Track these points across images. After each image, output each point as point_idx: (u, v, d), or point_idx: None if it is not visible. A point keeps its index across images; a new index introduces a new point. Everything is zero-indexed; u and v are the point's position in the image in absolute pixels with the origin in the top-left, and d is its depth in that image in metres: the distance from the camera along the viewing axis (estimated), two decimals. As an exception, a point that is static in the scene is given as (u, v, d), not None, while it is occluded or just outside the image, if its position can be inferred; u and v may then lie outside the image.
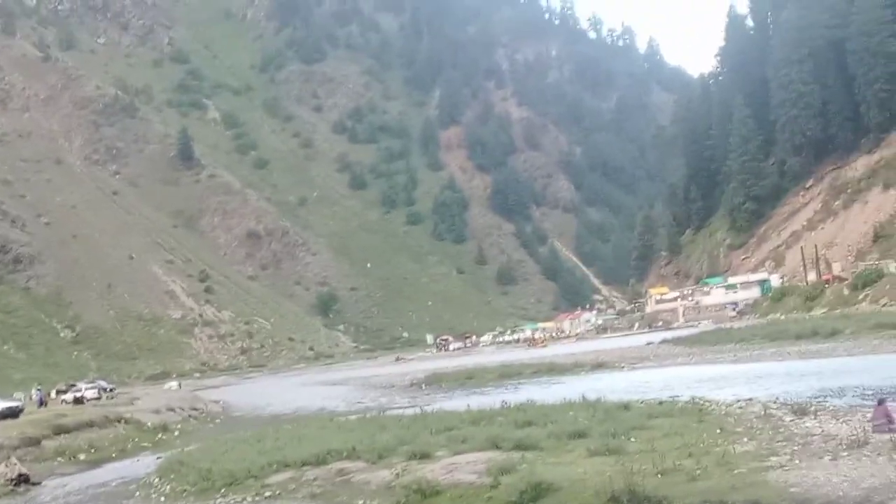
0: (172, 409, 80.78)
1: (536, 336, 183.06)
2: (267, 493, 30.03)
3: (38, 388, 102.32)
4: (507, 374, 79.64)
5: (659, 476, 20.70)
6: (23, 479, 44.98)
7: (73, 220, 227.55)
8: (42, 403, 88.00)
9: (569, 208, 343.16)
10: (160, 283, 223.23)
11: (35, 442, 56.07)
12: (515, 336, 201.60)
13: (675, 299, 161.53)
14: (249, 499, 29.45)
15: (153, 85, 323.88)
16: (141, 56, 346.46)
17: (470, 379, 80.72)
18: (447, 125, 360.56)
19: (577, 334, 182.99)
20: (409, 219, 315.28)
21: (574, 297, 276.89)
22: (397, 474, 28.25)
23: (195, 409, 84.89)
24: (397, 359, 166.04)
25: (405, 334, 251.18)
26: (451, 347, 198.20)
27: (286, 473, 31.60)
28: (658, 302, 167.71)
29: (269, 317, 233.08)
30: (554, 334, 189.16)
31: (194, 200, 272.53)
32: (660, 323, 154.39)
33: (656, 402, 35.24)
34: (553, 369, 77.99)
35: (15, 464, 47.52)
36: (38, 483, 45.34)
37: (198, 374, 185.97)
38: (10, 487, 43.96)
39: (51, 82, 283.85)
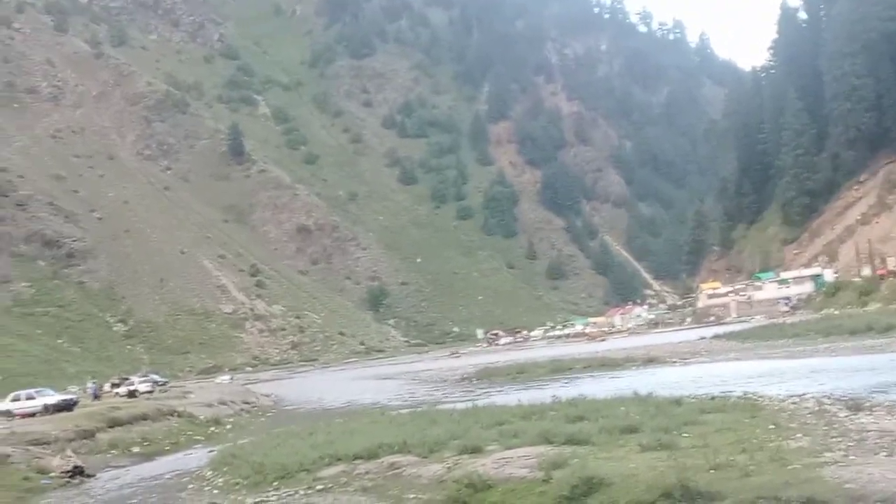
0: (224, 403, 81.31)
1: (590, 331, 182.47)
2: (319, 487, 30.14)
3: (93, 381, 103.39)
4: (558, 368, 79.41)
5: (711, 471, 20.59)
6: (78, 472, 45.48)
7: (125, 215, 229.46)
8: (96, 396, 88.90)
9: (619, 203, 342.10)
10: (211, 278, 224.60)
11: (89, 434, 56.61)
12: (566, 331, 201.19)
13: (726, 294, 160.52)
14: (301, 492, 29.56)
15: (204, 81, 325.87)
16: (191, 52, 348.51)
17: (521, 373, 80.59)
18: (497, 120, 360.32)
19: (628, 329, 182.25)
20: (459, 213, 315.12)
21: (625, 292, 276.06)
22: (448, 468, 28.27)
23: (247, 403, 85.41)
24: (453, 353, 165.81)
25: (455, 329, 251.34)
26: (501, 342, 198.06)
27: (338, 467, 31.71)
28: (710, 297, 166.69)
29: (320, 311, 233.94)
30: (605, 329, 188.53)
31: (245, 195, 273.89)
32: (711, 318, 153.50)
33: (709, 398, 35.05)
34: (604, 364, 77.74)
35: (70, 456, 48.05)
36: (93, 475, 45.81)
37: (249, 368, 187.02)
38: (66, 479, 44.49)
39: (103, 79, 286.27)
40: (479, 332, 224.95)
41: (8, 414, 68.84)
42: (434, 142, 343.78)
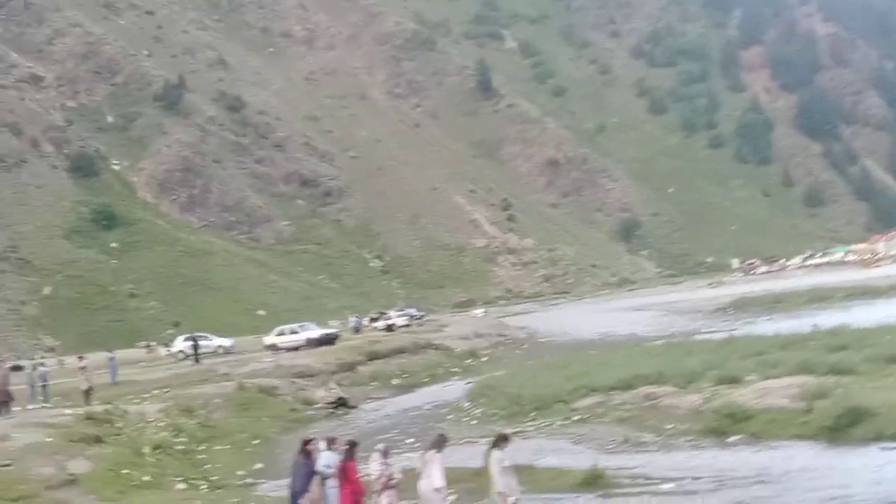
0: (479, 336, 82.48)
1: (861, 257, 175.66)
2: (575, 417, 30.30)
3: (356, 315, 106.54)
4: (818, 297, 77.47)
5: None
6: (341, 403, 47.25)
7: (378, 153, 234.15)
8: (357, 330, 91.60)
9: (881, 125, 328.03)
10: (463, 213, 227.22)
11: (351, 367, 58.53)
12: (826, 259, 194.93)
13: None
14: (558, 423, 29.78)
15: (450, 18, 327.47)
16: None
17: (778, 303, 79.04)
18: (748, 45, 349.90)
19: (892, 256, 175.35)
20: (710, 142, 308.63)
21: (888, 218, 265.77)
22: (706, 399, 28.03)
23: (501, 336, 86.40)
24: (712, 284, 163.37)
25: (709, 259, 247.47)
26: (758, 271, 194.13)
27: (593, 398, 31.86)
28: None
29: (572, 244, 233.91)
30: (868, 256, 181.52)
31: (494, 130, 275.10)
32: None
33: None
34: (867, 292, 75.35)
35: (333, 388, 49.88)
36: (355, 406, 47.43)
37: (502, 302, 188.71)
38: (330, 410, 46.21)
39: (353, 20, 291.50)
40: (735, 262, 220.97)
41: (274, 347, 71.81)
42: (684, 70, 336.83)
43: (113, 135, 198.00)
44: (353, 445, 20.10)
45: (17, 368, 52.29)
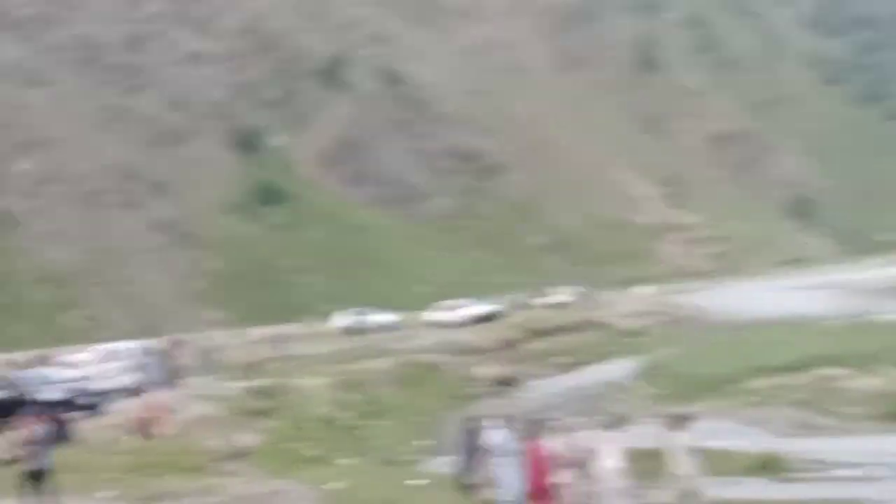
0: (646, 314, 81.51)
1: None
2: (747, 399, 29.55)
3: (518, 293, 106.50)
4: None
5: None
6: (505, 380, 46.99)
7: (538, 128, 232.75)
8: (521, 308, 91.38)
9: None
10: (628, 189, 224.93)
11: (514, 344, 58.27)
12: None
13: None
14: (731, 405, 29.02)
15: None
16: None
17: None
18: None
19: None
20: (887, 114, 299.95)
21: None
22: (887, 382, 27.11)
23: (668, 314, 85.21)
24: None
25: (888, 237, 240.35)
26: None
27: (766, 379, 31.15)
28: None
29: (740, 220, 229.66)
30: None
31: (658, 104, 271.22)
32: None
33: None
34: None
35: (496, 365, 49.73)
36: (519, 384, 47.15)
37: (669, 280, 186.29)
38: (493, 387, 46.04)
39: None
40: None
41: (436, 324, 72.01)
42: (858, 40, 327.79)
43: (274, 111, 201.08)
44: (536, 423, 19.90)
45: (181, 343, 53.32)
